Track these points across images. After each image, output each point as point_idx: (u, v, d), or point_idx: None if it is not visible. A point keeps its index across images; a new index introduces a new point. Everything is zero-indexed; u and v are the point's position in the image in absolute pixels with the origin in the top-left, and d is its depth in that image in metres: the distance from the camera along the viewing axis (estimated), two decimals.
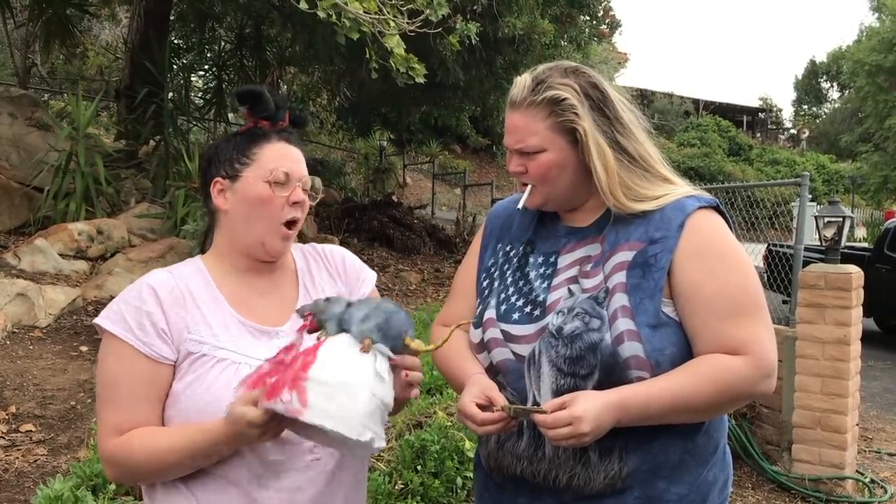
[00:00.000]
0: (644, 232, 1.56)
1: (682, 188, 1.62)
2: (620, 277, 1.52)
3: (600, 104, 1.60)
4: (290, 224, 1.57)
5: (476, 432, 1.53)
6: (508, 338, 1.60)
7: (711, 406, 1.49)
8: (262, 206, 1.55)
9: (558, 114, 1.58)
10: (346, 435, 1.31)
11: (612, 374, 1.47)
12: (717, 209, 1.60)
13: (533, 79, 1.62)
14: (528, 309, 1.61)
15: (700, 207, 1.57)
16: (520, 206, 1.65)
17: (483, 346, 1.64)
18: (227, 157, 1.58)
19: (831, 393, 4.79)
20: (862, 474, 5.04)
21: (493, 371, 1.62)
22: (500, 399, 1.51)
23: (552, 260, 1.65)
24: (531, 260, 1.69)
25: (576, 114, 1.57)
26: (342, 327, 1.39)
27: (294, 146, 1.62)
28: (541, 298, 1.60)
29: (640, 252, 1.53)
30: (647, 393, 1.44)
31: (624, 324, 1.47)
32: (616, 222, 1.60)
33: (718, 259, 1.52)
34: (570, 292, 1.57)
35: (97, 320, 1.52)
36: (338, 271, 1.73)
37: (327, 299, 1.43)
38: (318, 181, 1.63)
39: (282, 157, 1.57)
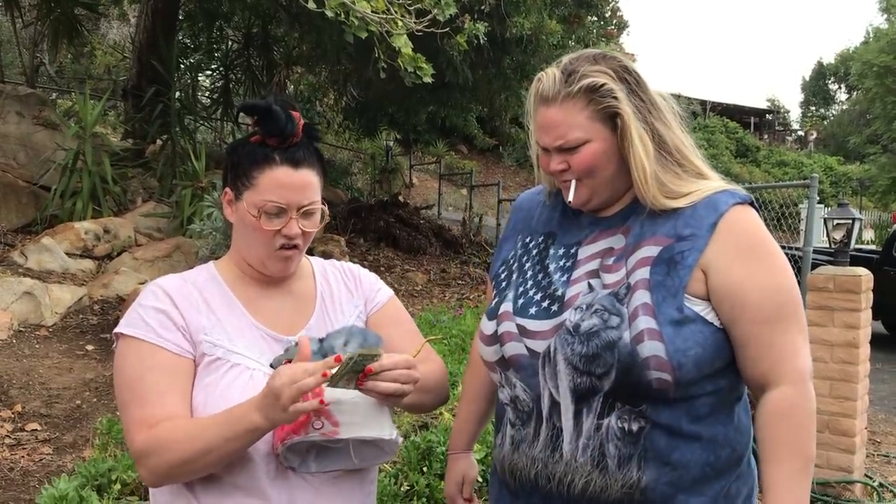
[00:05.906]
0: (672, 227, 1.48)
1: (715, 182, 1.54)
2: (644, 273, 1.45)
3: (636, 88, 1.52)
4: (284, 248, 1.54)
5: None
6: (523, 332, 1.53)
7: (811, 447, 1.47)
8: (254, 232, 1.52)
9: (597, 101, 1.49)
10: (382, 437, 1.42)
11: (630, 373, 1.40)
12: (752, 205, 1.52)
13: (562, 70, 1.52)
14: (545, 303, 1.53)
15: (735, 204, 1.50)
16: (569, 199, 1.55)
17: (496, 339, 1.56)
18: (237, 171, 1.54)
19: (840, 396, 4.76)
20: (870, 478, 5.00)
21: (504, 365, 1.56)
22: (468, 491, 1.78)
23: (573, 251, 1.58)
24: (552, 252, 1.61)
25: (615, 97, 1.49)
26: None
27: (302, 168, 1.52)
28: (559, 293, 1.52)
29: (667, 248, 1.46)
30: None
31: (645, 322, 1.40)
32: (643, 214, 1.52)
33: (760, 260, 1.46)
34: (590, 287, 1.49)
35: (118, 329, 1.49)
36: (355, 283, 1.71)
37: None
38: (325, 210, 1.54)
39: (280, 187, 1.49)
